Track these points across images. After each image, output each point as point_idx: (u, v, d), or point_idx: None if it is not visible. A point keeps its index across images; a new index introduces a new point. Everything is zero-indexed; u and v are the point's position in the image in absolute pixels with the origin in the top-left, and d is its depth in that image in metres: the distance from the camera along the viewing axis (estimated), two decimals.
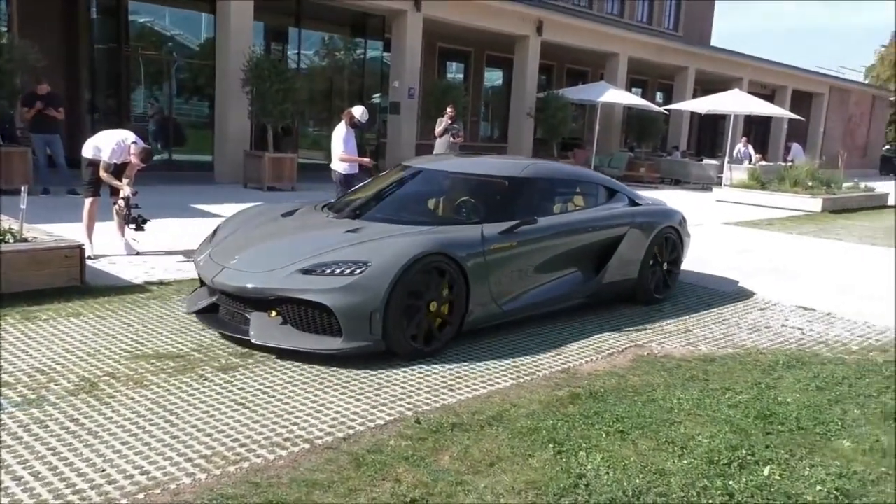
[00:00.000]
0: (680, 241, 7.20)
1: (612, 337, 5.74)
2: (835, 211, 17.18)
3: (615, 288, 6.61)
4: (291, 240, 5.42)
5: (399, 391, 4.32)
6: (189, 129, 16.41)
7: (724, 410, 4.23)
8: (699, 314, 6.65)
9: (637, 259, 6.69)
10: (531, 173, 6.29)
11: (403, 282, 4.74)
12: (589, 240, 6.31)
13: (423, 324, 4.96)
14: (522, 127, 21.01)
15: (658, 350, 5.46)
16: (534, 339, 5.53)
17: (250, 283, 4.89)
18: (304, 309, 4.76)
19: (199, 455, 3.39)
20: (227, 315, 5.12)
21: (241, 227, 5.89)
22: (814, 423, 4.11)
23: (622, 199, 7.02)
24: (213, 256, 5.37)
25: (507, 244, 5.52)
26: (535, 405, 4.17)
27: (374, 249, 4.91)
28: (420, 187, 6.53)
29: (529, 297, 5.77)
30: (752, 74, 29.32)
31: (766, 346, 5.72)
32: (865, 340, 6.10)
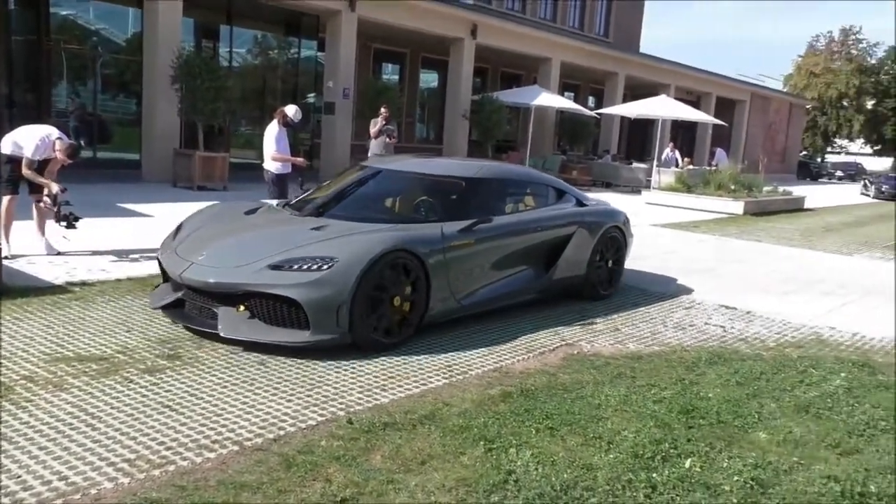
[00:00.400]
0: (624, 240, 7.53)
1: (543, 336, 5.83)
2: (756, 214, 17.86)
3: (564, 284, 6.89)
4: (258, 236, 5.55)
5: (331, 391, 4.29)
6: (115, 127, 15.89)
7: (650, 406, 4.35)
8: (628, 313, 6.82)
9: (584, 257, 7.00)
10: (486, 174, 6.55)
11: (369, 277, 4.93)
12: (540, 238, 6.58)
13: (387, 317, 5.13)
14: (457, 129, 21.13)
15: (588, 348, 5.57)
16: (467, 339, 5.57)
17: (219, 278, 4.99)
18: (273, 303, 4.88)
19: (122, 459, 3.30)
20: (193, 310, 5.19)
21: (205, 223, 5.95)
22: (733, 417, 4.27)
23: (570, 199, 7.30)
24: (179, 252, 5.44)
25: (465, 242, 5.75)
26: (467, 404, 4.20)
27: (340, 246, 5.08)
28: (380, 187, 6.72)
29: (485, 292, 6.01)
30: (678, 81, 30.22)
31: (690, 344, 5.90)
32: (782, 337, 6.36)
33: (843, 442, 4.03)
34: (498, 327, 5.96)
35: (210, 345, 4.95)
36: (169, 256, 5.51)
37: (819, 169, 48.74)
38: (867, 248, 13.25)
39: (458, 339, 5.54)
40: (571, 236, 6.85)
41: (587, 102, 29.87)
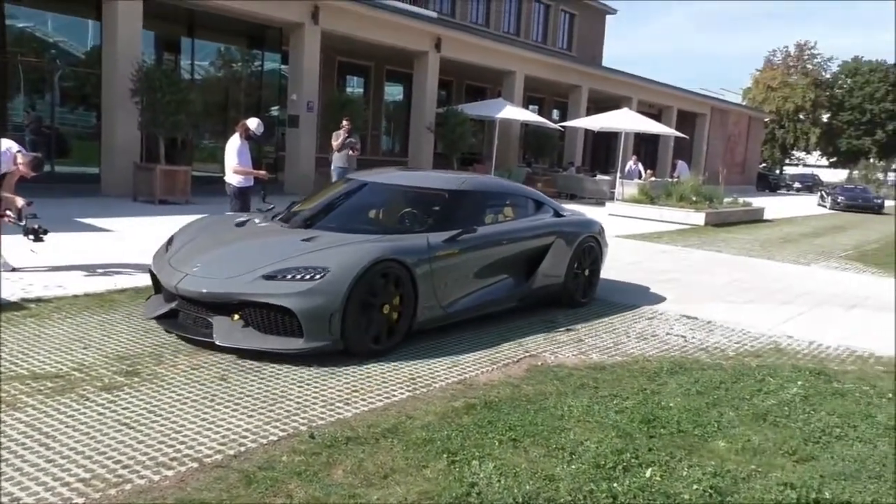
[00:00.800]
0: (599, 249, 7.83)
1: (507, 348, 5.86)
2: (717, 224, 18.17)
3: (544, 292, 7.15)
4: (250, 247, 5.71)
5: (294, 406, 4.25)
6: (74, 140, 15.64)
7: (612, 416, 4.39)
8: (591, 324, 6.88)
9: (563, 266, 7.28)
10: (469, 186, 6.80)
11: (360, 286, 5.12)
12: (521, 248, 6.85)
13: (377, 325, 5.34)
14: (423, 141, 21.19)
15: (551, 360, 5.61)
16: (431, 352, 5.57)
17: (214, 288, 5.16)
18: (267, 312, 5.06)
19: (77, 479, 3.23)
20: (188, 320, 5.34)
21: (196, 236, 6.10)
22: (693, 426, 4.33)
23: (548, 210, 7.58)
24: (172, 264, 5.59)
25: (450, 251, 5.98)
26: (430, 416, 4.20)
27: (332, 256, 5.27)
28: (367, 199, 6.95)
29: (469, 300, 6.23)
30: (640, 94, 30.70)
31: (652, 354, 5.97)
32: (741, 346, 6.47)
33: (800, 449, 4.11)
34: (462, 339, 5.97)
35: (170, 360, 4.88)
36: (163, 268, 5.63)
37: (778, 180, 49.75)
38: (824, 257, 13.55)
39: (422, 352, 5.53)
40: (550, 246, 7.11)
41: (551, 115, 30.21)
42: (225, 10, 15.88)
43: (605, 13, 36.51)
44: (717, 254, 12.87)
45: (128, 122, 13.96)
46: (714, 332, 6.91)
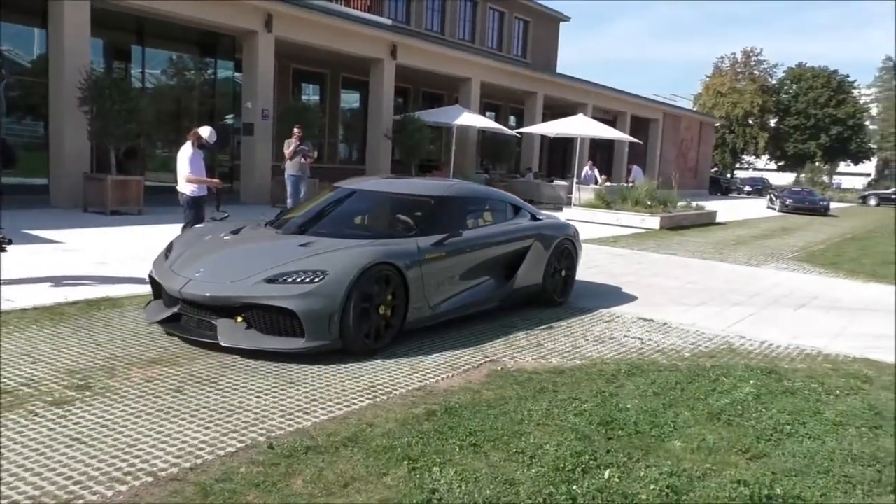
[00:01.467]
0: (575, 251, 8.27)
1: (467, 353, 5.87)
2: (671, 228, 18.49)
3: (523, 293, 7.49)
4: (249, 252, 6.02)
5: (252, 417, 4.20)
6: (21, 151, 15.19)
7: (571, 419, 4.43)
8: (549, 328, 6.93)
9: (541, 267, 7.65)
10: (454, 192, 7.23)
11: (356, 288, 5.43)
12: (502, 251, 7.21)
13: (373, 324, 5.64)
14: (380, 148, 21.16)
15: (511, 364, 5.63)
16: (391, 359, 5.56)
17: (217, 292, 5.43)
18: (269, 314, 5.33)
19: (26, 497, 3.14)
20: (191, 323, 5.60)
21: (194, 243, 6.35)
22: (650, 427, 4.39)
23: (525, 215, 7.97)
24: (175, 270, 5.84)
25: (438, 254, 6.33)
26: (391, 424, 4.19)
27: (329, 260, 5.59)
28: (356, 206, 7.28)
29: (456, 300, 6.56)
30: (595, 100, 31.12)
31: (609, 357, 6.04)
32: (696, 347, 6.58)
33: (752, 447, 4.20)
34: (422, 346, 5.97)
35: (123, 373, 4.79)
36: (165, 274, 5.87)
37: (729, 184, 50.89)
38: (774, 259, 13.88)
39: (382, 360, 5.52)
40: (529, 249, 7.48)
41: (508, 122, 30.43)
42: (176, 17, 15.67)
43: (558, 20, 36.96)
44: (671, 256, 13.08)
45: (77, 131, 13.66)
46: (670, 334, 7.02)
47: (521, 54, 34.24)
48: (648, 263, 11.98)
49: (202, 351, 5.43)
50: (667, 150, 38.72)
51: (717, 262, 12.71)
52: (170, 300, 5.81)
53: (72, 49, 13.55)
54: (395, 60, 21.06)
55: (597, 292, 8.89)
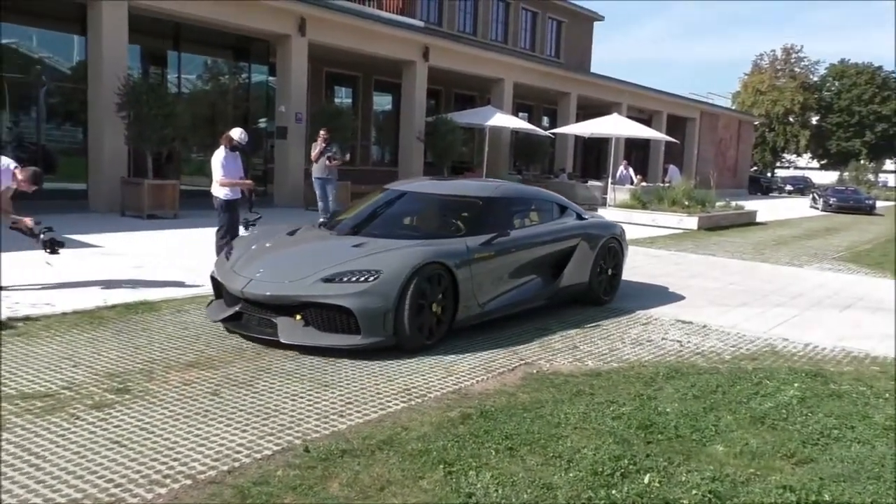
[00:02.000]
0: (621, 250, 8.42)
1: (502, 356, 5.85)
2: (709, 228, 18.24)
3: (569, 292, 7.69)
4: (306, 253, 6.37)
5: (287, 420, 4.23)
6: (61, 156, 15.58)
7: (609, 423, 4.39)
8: (586, 330, 6.89)
9: (587, 266, 7.83)
10: (501, 193, 7.53)
11: (409, 286, 5.70)
12: (548, 250, 7.44)
13: (425, 322, 5.89)
14: (412, 151, 21.22)
15: (547, 367, 5.61)
16: (425, 362, 5.56)
17: (278, 291, 5.77)
18: (327, 312, 5.64)
19: (68, 499, 3.20)
20: (252, 321, 5.94)
21: (253, 244, 6.70)
22: (690, 431, 4.33)
23: (571, 214, 8.19)
24: (236, 270, 6.17)
25: (487, 254, 6.59)
26: (426, 427, 4.19)
27: (382, 260, 5.88)
28: (406, 207, 7.63)
29: (504, 299, 6.79)
30: (630, 100, 30.85)
31: (647, 359, 5.98)
32: (737, 350, 6.48)
33: (798, 452, 4.11)
34: (456, 348, 5.96)
35: (161, 376, 4.86)
36: (227, 274, 6.21)
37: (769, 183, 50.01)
38: (817, 259, 13.61)
39: (416, 363, 5.52)
40: (575, 248, 7.68)
41: (541, 122, 30.33)
42: (211, 22, 15.90)
43: (592, 20, 36.71)
44: (710, 257, 12.90)
45: (114, 136, 13.92)
46: (709, 336, 6.93)
47: (555, 54, 34.08)
48: (686, 264, 11.84)
49: (238, 354, 5.50)
50: (704, 149, 38.25)
51: (757, 263, 12.50)
52: (231, 299, 6.15)
53: (110, 55, 13.82)
54: (427, 62, 21.12)
55: (634, 294, 8.80)
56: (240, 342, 5.82)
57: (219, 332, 6.07)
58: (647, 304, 8.27)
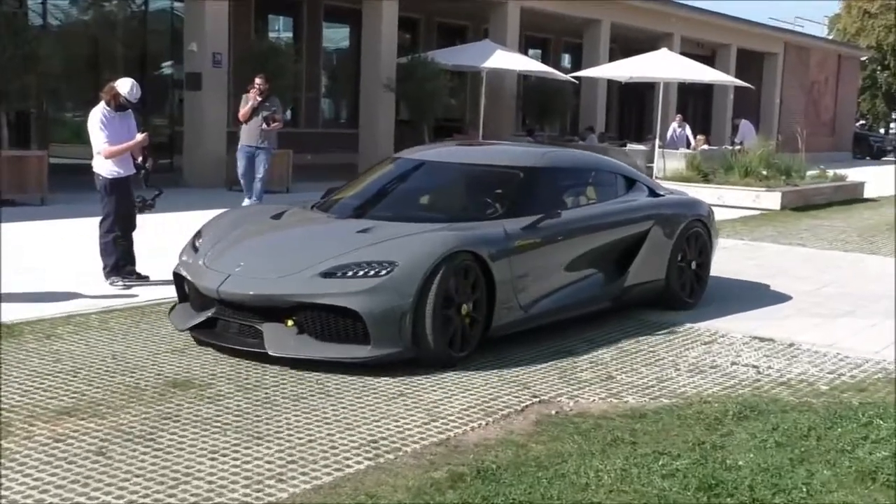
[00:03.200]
0: (708, 236, 8.84)
1: (507, 391, 5.88)
2: (798, 208, 18.32)
3: (639, 291, 8.09)
4: (298, 242, 6.93)
5: (204, 487, 4.23)
6: None
7: (657, 482, 4.41)
8: (624, 353, 6.93)
9: (663, 258, 8.21)
10: (550, 162, 8.03)
11: (432, 282, 6.06)
12: (612, 236, 7.86)
13: (452, 327, 6.27)
14: (379, 105, 21.14)
15: (570, 406, 5.63)
16: (400, 401, 5.57)
17: (264, 289, 6.21)
18: (327, 315, 6.09)
19: None
20: (230, 329, 6.36)
21: (229, 230, 7.13)
22: (772, 492, 4.35)
23: (642, 189, 8.61)
24: (209, 264, 6.57)
25: (531, 241, 6.94)
26: (400, 494, 4.20)
27: (398, 248, 6.32)
28: (425, 182, 8.16)
29: (553, 300, 7.20)
30: (685, 29, 30.93)
31: (711, 393, 6.02)
32: (837, 377, 6.54)
33: None
34: (444, 381, 5.98)
35: (22, 430, 4.83)
36: (196, 269, 6.62)
37: (882, 144, 50.22)
38: None
39: (387, 403, 5.53)
40: (647, 233, 8.06)
41: (561, 63, 30.44)
42: None
43: None
44: (799, 248, 12.99)
45: None
46: (798, 359, 6.98)
47: None
48: (765, 258, 11.91)
49: (134, 395, 5.48)
50: (790, 96, 38.46)
51: (864, 256, 12.60)
52: (202, 301, 6.58)
53: None
54: None
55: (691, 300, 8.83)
56: (138, 380, 5.80)
57: (106, 367, 6.05)
58: (710, 314, 8.33)
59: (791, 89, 38.68)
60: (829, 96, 42.61)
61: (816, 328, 8.02)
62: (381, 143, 20.14)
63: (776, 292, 9.63)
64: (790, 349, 7.27)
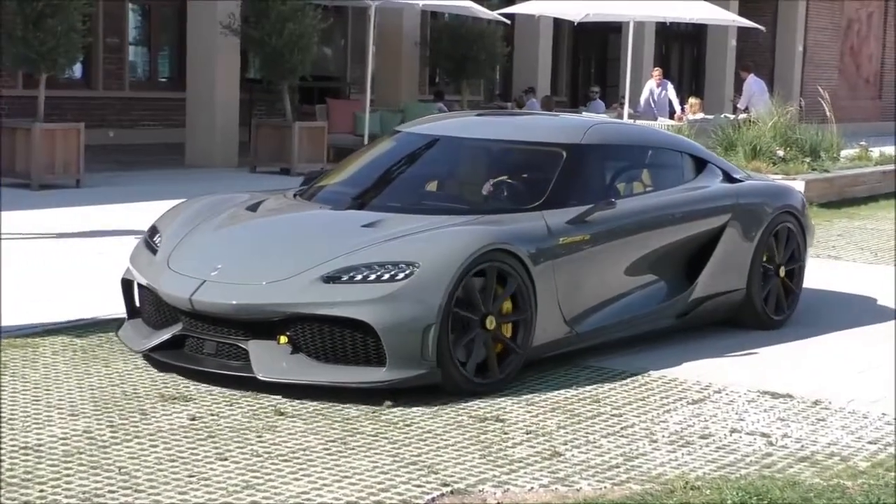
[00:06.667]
0: (802, 233, 9.74)
1: (405, 476, 5.86)
2: (828, 204, 18.54)
3: (713, 305, 8.94)
4: (291, 239, 7.69)
5: None
6: None
7: None
8: (576, 417, 6.97)
9: (744, 262, 9.04)
10: (597, 137, 8.75)
11: (462, 287, 6.86)
12: (679, 234, 8.70)
13: (482, 346, 7.07)
14: (214, 58, 21.00)
15: (496, 498, 5.64)
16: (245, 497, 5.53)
17: (251, 298, 6.91)
18: (329, 330, 6.83)
19: None
20: (203, 348, 7.08)
21: (195, 225, 7.85)
22: None
23: (714, 172, 9.47)
24: (175, 267, 7.27)
25: (580, 237, 7.73)
26: None
27: (417, 246, 7.09)
28: (440, 163, 9.09)
29: (605, 314, 8.01)
30: None
31: (702, 475, 6.08)
32: (881, 450, 6.65)
33: None
34: (311, 463, 5.96)
35: None
36: (158, 274, 7.34)
37: None
38: None
39: (209, 496, 5.49)
40: (723, 230, 8.88)
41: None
42: None
43: None
44: (829, 263, 13.28)
45: None
46: (826, 423, 7.10)
47: None
48: None
49: None
50: (817, 42, 39.13)
51: None
52: (164, 315, 7.33)
53: None
54: None
55: (673, 338, 8.99)
56: None
57: None
58: (701, 354, 8.48)
59: (819, 31, 39.37)
60: (873, 41, 43.36)
61: (853, 379, 8.19)
62: (221, 112, 20.09)
63: (796, 328, 9.79)
64: (814, 408, 7.40)
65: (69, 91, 20.54)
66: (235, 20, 20.95)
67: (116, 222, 14.10)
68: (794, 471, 6.21)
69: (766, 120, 20.87)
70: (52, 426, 6.31)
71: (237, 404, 6.81)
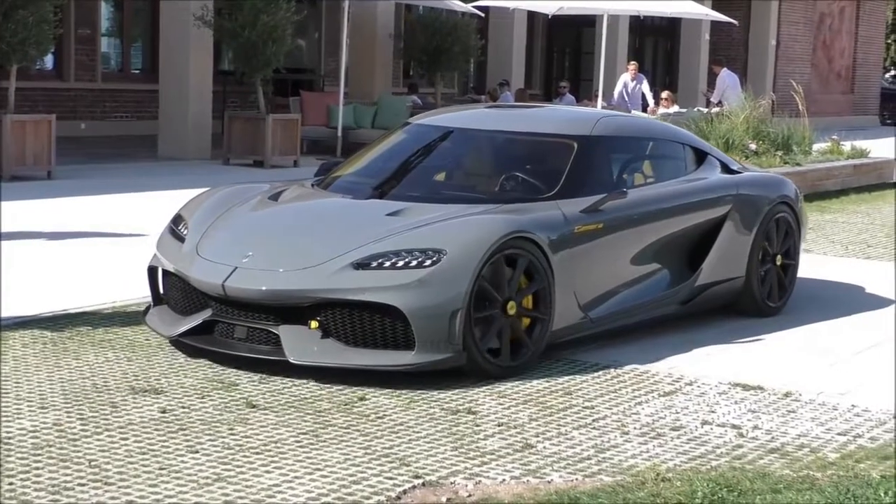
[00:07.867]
0: (797, 223, 10.20)
1: (376, 469, 5.86)
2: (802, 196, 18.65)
3: (714, 292, 9.37)
4: (319, 227, 8.10)
5: None
6: None
7: None
8: (548, 409, 6.99)
9: (743, 251, 9.48)
10: (607, 129, 9.26)
11: (488, 273, 7.26)
12: (685, 223, 9.14)
13: (504, 331, 7.48)
14: (188, 49, 20.94)
15: (468, 490, 5.63)
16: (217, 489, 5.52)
17: (282, 284, 7.31)
18: (360, 315, 7.24)
19: None
20: (234, 334, 7.49)
21: (220, 214, 8.23)
22: None
23: (714, 164, 9.93)
24: (205, 255, 7.64)
25: (594, 225, 8.15)
26: None
27: (443, 234, 7.52)
28: (455, 154, 9.52)
29: (618, 301, 8.50)
30: None
31: (673, 466, 6.10)
32: (851, 441, 6.69)
33: None
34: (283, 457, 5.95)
35: None
36: (188, 261, 7.70)
37: None
38: None
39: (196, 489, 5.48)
40: (724, 220, 9.35)
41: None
42: None
43: None
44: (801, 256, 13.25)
45: None
46: (797, 414, 7.14)
47: None
48: None
49: None
50: (790, 35, 39.24)
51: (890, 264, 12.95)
52: (193, 301, 7.71)
53: None
54: None
55: (645, 333, 9.04)
56: None
57: None
58: (671, 350, 8.51)
59: (792, 25, 39.48)
60: (845, 36, 43.53)
61: (823, 371, 8.24)
62: (194, 104, 20.04)
63: (767, 320, 9.85)
64: (785, 401, 7.44)
65: (41, 82, 20.51)
66: (209, 12, 20.89)
67: (87, 215, 14.05)
68: (765, 462, 6.24)
69: (738, 113, 20.98)
70: (22, 419, 6.31)
71: (208, 397, 6.83)
